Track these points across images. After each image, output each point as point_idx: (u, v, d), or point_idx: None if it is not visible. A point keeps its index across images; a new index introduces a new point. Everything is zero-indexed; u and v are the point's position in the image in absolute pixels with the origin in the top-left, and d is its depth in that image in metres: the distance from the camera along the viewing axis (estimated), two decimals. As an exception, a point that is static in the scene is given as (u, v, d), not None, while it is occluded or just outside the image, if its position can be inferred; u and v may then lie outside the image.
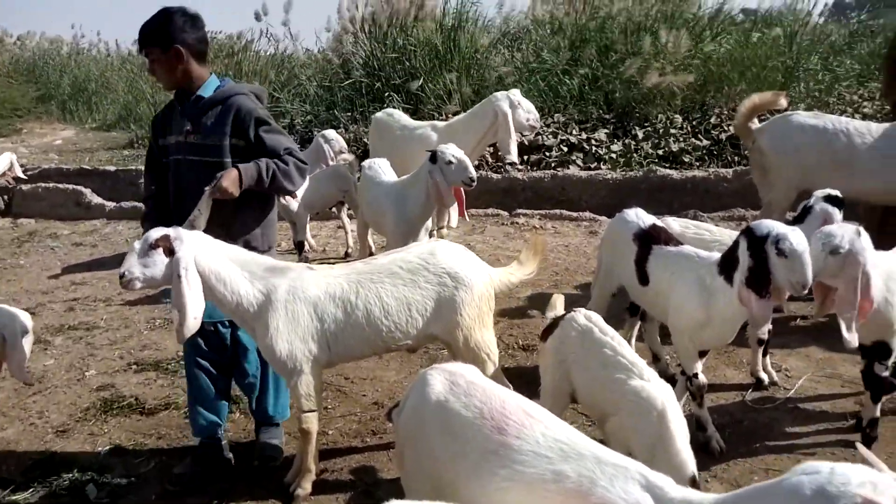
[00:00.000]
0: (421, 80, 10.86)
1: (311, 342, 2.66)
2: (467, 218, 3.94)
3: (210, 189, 2.69)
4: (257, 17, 13.55)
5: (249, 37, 15.60)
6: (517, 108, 4.94)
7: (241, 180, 2.72)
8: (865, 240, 2.56)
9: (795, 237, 2.45)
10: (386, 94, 11.31)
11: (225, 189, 2.68)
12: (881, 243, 4.50)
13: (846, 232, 2.54)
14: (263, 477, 3.01)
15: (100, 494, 2.91)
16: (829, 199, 3.29)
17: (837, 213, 3.26)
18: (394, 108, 10.81)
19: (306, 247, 5.61)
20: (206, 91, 2.91)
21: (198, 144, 2.88)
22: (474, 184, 3.82)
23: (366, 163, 4.51)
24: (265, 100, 3.04)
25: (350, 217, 6.05)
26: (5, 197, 7.94)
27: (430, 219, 4.30)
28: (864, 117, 8.01)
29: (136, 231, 6.97)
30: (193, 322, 2.46)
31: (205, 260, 2.54)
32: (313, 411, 2.75)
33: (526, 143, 8.38)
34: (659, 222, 3.19)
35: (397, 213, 4.03)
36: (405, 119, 5.31)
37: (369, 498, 2.82)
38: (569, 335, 2.58)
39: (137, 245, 2.51)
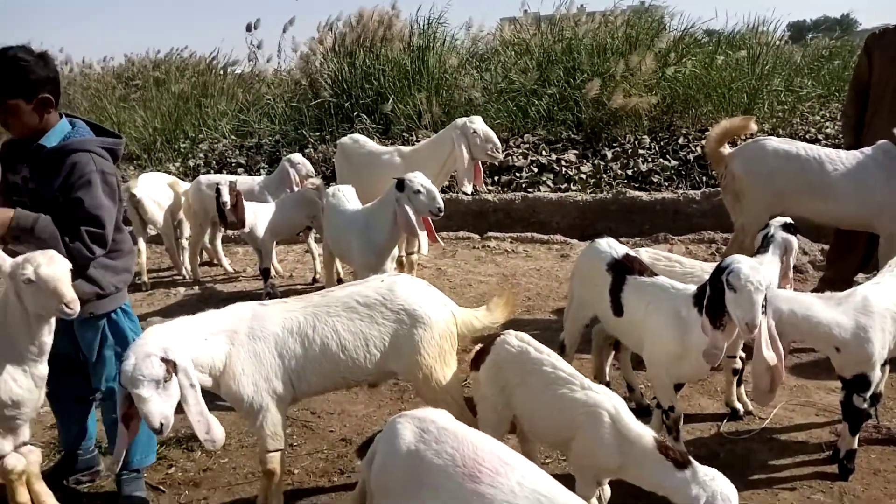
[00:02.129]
0: (391, 102, 10.84)
1: (274, 380, 2.56)
2: (442, 244, 3.85)
3: None
4: (248, 29, 13.50)
5: (216, 55, 15.48)
6: (475, 136, 4.87)
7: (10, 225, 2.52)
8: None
9: (747, 273, 2.35)
10: (355, 114, 11.26)
11: None
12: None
13: None
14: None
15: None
16: (786, 228, 3.29)
17: (795, 242, 3.27)
18: (363, 128, 10.87)
19: (272, 273, 5.46)
20: (50, 140, 2.67)
21: (32, 192, 2.69)
22: (442, 213, 3.73)
23: (329, 190, 4.40)
24: (121, 152, 2.83)
25: (318, 242, 5.92)
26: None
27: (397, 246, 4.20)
28: (827, 137, 8.17)
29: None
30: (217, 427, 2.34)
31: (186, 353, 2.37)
32: (278, 451, 2.63)
33: (496, 163, 8.37)
34: (632, 252, 3.12)
35: (362, 242, 3.92)
36: (371, 144, 5.22)
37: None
38: (504, 359, 2.52)
39: (147, 391, 2.18)
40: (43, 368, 2.58)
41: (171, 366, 2.24)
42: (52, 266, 2.33)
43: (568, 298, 3.48)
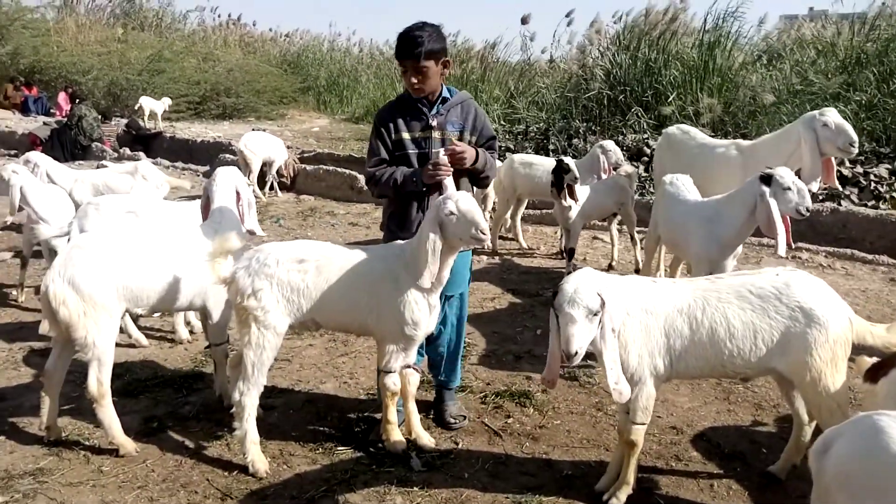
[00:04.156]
0: (673, 104, 10.55)
1: (657, 357, 2.63)
2: (792, 247, 3.61)
3: (446, 148, 3.10)
4: (523, 22, 14.06)
5: (499, 42, 16.19)
6: (825, 130, 4.48)
7: (476, 158, 3.17)
8: None
9: None
10: (632, 108, 11.12)
11: (456, 150, 3.07)
12: None
13: None
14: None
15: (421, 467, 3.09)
16: None
17: None
18: (635, 122, 10.74)
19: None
20: (446, 93, 3.27)
21: (444, 139, 3.21)
22: (808, 214, 3.54)
23: (667, 178, 4.38)
24: None
25: (619, 231, 5.97)
26: (291, 175, 8.96)
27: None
28: None
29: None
30: (626, 382, 2.48)
31: None
32: (644, 425, 2.72)
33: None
34: None
35: (705, 235, 3.83)
36: (702, 136, 5.09)
37: (686, 526, 2.72)
38: None
39: (579, 313, 2.35)
40: (435, 299, 3.06)
41: (601, 303, 2.40)
42: (468, 202, 2.84)
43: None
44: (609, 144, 5.85)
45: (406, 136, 3.23)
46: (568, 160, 5.03)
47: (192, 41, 20.64)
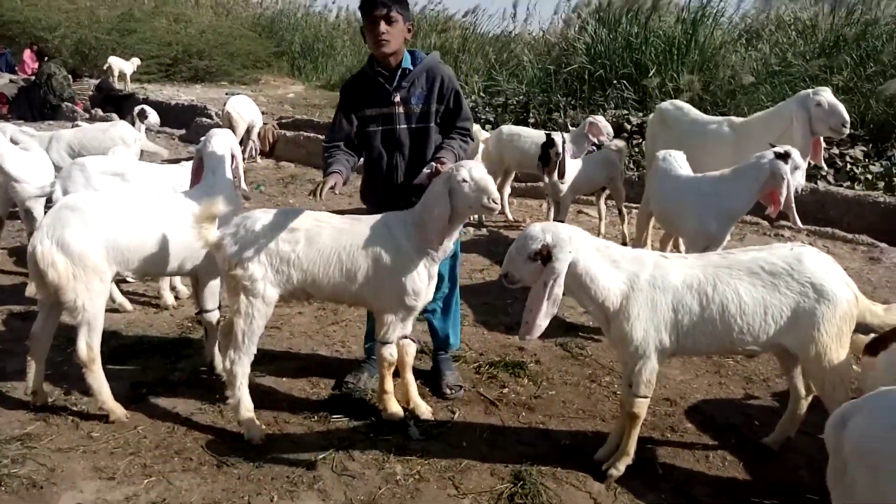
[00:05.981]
0: (657, 78, 10.55)
1: (663, 332, 2.62)
2: (800, 224, 3.66)
3: (429, 172, 2.93)
4: None
5: (473, 16, 15.99)
6: (818, 109, 4.53)
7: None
8: None
9: None
10: (615, 82, 11.10)
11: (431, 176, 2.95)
12: None
13: None
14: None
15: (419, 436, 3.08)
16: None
17: None
18: (617, 97, 10.73)
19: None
20: (407, 63, 3.11)
21: (409, 114, 3.11)
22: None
23: (660, 154, 4.36)
24: None
25: (607, 205, 5.98)
26: (271, 140, 8.77)
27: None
28: None
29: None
30: (538, 329, 2.55)
31: (583, 260, 2.57)
32: (647, 398, 2.73)
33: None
34: None
35: (705, 212, 3.81)
36: (695, 112, 5.09)
37: (682, 496, 2.75)
38: None
39: (516, 252, 2.59)
40: (435, 270, 3.05)
41: (544, 254, 2.53)
42: (480, 169, 2.85)
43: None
44: (599, 119, 5.82)
45: (369, 112, 3.13)
46: (555, 135, 4.98)
47: (163, 0, 19.95)
